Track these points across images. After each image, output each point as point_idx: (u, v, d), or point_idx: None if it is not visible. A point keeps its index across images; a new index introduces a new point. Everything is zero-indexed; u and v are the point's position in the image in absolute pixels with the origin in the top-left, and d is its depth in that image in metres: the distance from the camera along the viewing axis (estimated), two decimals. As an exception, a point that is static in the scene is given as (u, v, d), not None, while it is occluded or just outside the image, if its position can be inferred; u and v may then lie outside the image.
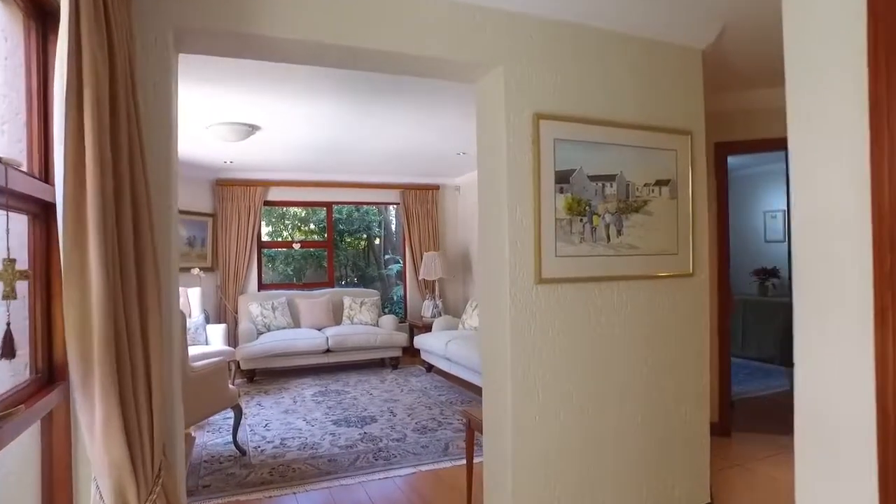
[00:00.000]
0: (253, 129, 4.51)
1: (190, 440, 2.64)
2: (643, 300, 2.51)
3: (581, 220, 2.37)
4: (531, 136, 2.27)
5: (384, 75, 3.53)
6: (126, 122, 1.39)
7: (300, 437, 4.06)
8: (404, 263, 7.87)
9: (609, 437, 2.41)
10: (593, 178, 2.40)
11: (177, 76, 1.94)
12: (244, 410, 4.76)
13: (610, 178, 2.44)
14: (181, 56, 2.01)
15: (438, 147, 5.64)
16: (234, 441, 3.73)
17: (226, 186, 6.73)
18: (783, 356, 6.10)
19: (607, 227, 2.43)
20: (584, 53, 2.39)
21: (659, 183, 2.55)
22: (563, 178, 2.33)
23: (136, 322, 1.40)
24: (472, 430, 2.92)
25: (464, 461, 3.29)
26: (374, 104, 4.04)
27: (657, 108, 2.55)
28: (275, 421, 4.49)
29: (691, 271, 2.63)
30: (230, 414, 4.03)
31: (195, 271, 6.18)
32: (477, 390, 5.22)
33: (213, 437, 4.10)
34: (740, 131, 3.60)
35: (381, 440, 3.97)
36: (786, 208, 6.33)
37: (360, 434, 4.11)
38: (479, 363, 4.79)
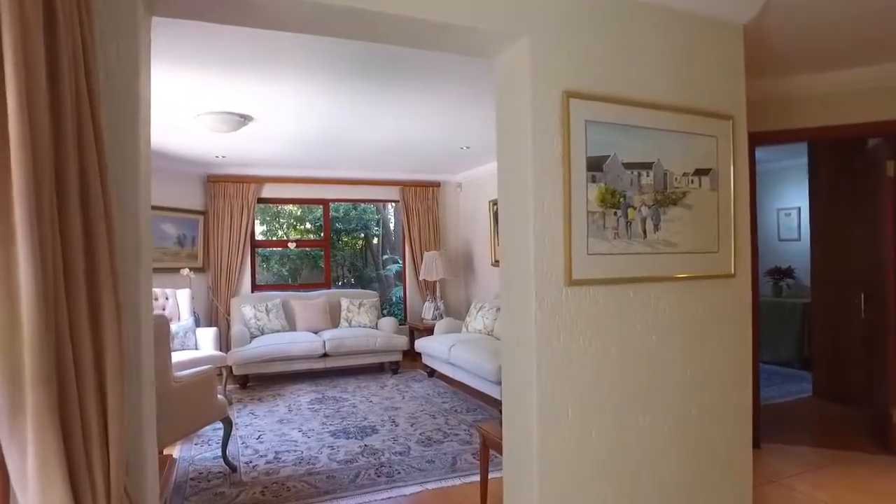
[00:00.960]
0: (245, 119, 4.21)
1: (170, 464, 2.34)
2: (681, 304, 2.24)
3: (615, 214, 2.09)
4: (560, 117, 1.99)
5: (385, 62, 3.26)
6: (72, 94, 1.09)
7: (296, 451, 3.77)
8: (404, 263, 7.59)
9: (646, 459, 2.14)
10: (628, 166, 2.12)
11: (148, 45, 1.65)
12: (235, 420, 4.46)
13: (646, 166, 2.16)
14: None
15: (441, 141, 5.36)
16: (224, 456, 3.44)
17: (218, 183, 6.43)
18: (801, 359, 5.85)
19: (643, 221, 2.15)
20: (618, 25, 2.12)
21: (699, 172, 2.28)
22: (595, 166, 2.05)
23: (87, 334, 1.11)
24: (487, 447, 2.64)
25: (474, 478, 3.02)
26: (375, 94, 3.76)
27: (696, 88, 2.28)
28: (268, 432, 4.20)
29: (733, 272, 2.36)
30: (220, 424, 3.73)
31: (185, 272, 5.87)
32: (483, 397, 4.94)
33: (200, 450, 3.80)
34: (773, 120, 3.34)
35: (383, 454, 3.68)
36: (801, 205, 6.08)
37: (360, 447, 3.82)
38: (485, 369, 4.51)
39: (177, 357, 4.53)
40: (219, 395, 3.31)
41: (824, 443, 3.72)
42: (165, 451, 3.08)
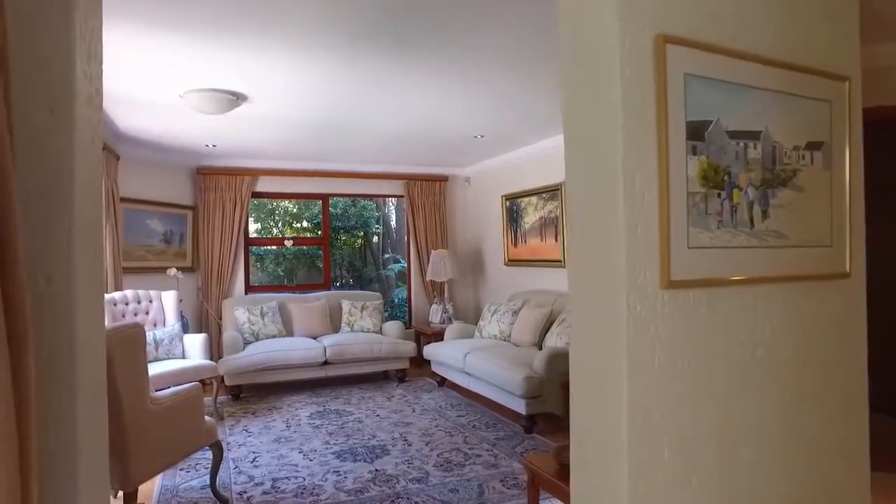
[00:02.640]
0: (238, 98, 3.72)
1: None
2: (789, 311, 1.77)
3: (719, 196, 1.62)
4: (654, 67, 1.52)
5: (396, 28, 2.80)
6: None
7: (296, 477, 3.28)
8: (409, 263, 7.10)
9: (753, 500, 1.68)
10: (733, 136, 1.66)
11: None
12: (227, 439, 3.97)
13: (753, 135, 1.70)
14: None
15: (453, 128, 4.89)
16: (213, 487, 2.95)
17: (208, 175, 5.92)
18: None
19: (750, 206, 1.69)
20: (719, -45, 1.65)
21: (811, 146, 1.82)
22: (696, 134, 1.58)
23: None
24: (537, 487, 2.17)
25: (512, 517, 2.55)
26: (383, 68, 3.29)
27: (809, 39, 1.82)
28: (265, 453, 3.70)
29: (847, 271, 1.91)
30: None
31: (171, 272, 5.36)
32: (503, 410, 4.48)
33: (186, 477, 3.31)
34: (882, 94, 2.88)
35: (397, 481, 3.20)
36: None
37: (370, 472, 3.34)
38: (507, 380, 4.04)
39: (160, 368, 4.04)
40: (207, 417, 2.82)
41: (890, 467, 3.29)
42: (142, 487, 2.58)
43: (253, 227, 8.74)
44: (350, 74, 3.39)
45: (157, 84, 3.46)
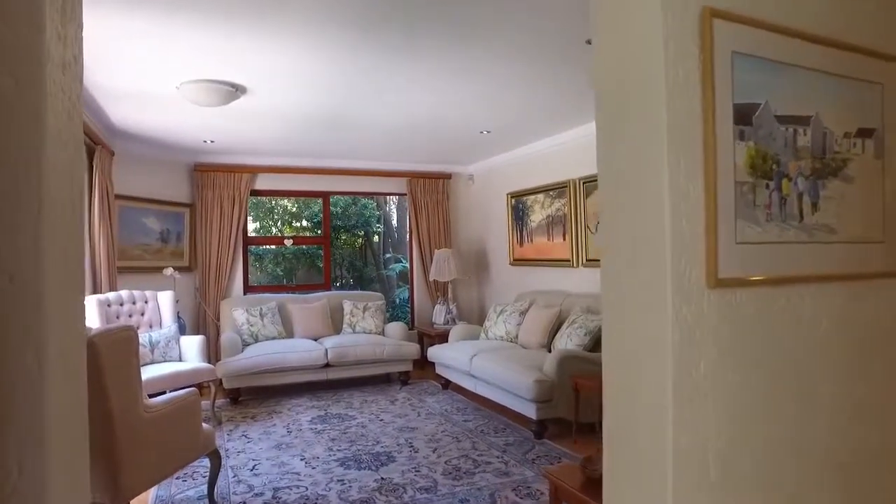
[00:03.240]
0: (237, 90, 3.57)
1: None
2: (841, 314, 1.63)
3: (767, 187, 1.48)
4: (699, 44, 1.38)
5: (403, 21, 2.66)
6: None
7: (298, 486, 3.13)
8: (411, 262, 6.95)
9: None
10: (782, 121, 1.51)
11: None
12: (225, 445, 3.82)
13: (803, 121, 1.55)
14: None
15: (459, 123, 4.74)
16: (211, 497, 2.80)
17: (206, 172, 5.76)
18: None
19: (800, 197, 1.55)
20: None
21: (861, 133, 1.68)
22: (743, 118, 1.44)
23: None
24: (560, 501, 2.03)
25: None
26: (390, 59, 3.14)
27: (859, 15, 1.68)
28: (265, 460, 3.55)
29: (899, 269, 1.76)
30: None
31: (168, 271, 5.21)
32: (511, 414, 4.33)
33: (182, 486, 3.15)
34: None
35: (405, 490, 3.05)
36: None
37: (376, 480, 3.19)
38: (517, 383, 3.89)
39: (156, 371, 3.89)
40: (204, 424, 2.67)
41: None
42: (135, 499, 2.43)
43: (252, 227, 8.58)
44: (354, 66, 3.24)
45: (152, 75, 3.31)
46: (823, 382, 1.62)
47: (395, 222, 10.29)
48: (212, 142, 5.22)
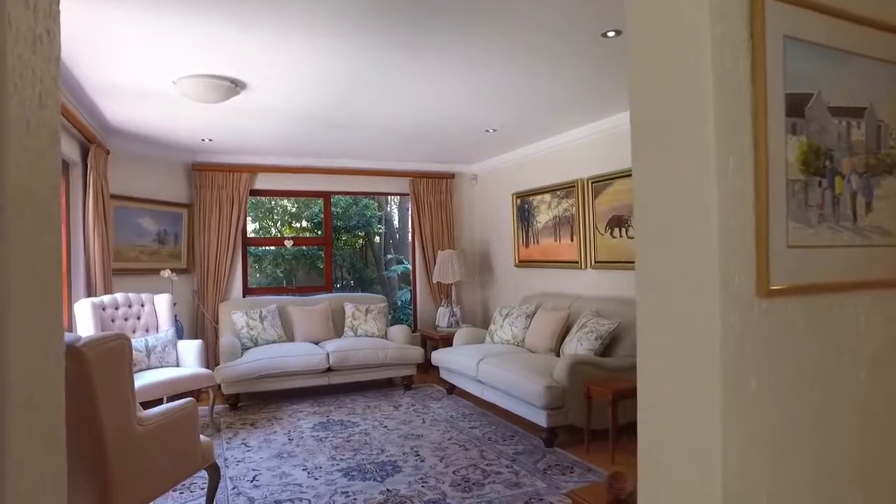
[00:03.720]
0: (236, 86, 3.44)
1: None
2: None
3: (819, 185, 1.35)
4: (749, 28, 1.25)
5: (409, 13, 2.52)
6: None
7: (301, 499, 3.00)
8: (413, 264, 6.81)
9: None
10: (835, 113, 1.38)
11: None
12: (224, 454, 3.68)
13: (857, 113, 1.42)
14: None
15: (465, 121, 4.62)
16: (210, 512, 2.66)
17: (204, 171, 5.63)
18: None
19: (853, 196, 1.42)
20: None
21: (917, 127, 1.55)
22: (795, 109, 1.31)
23: None
24: (583, 523, 1.89)
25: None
26: (393, 56, 3.01)
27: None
28: (265, 471, 3.42)
29: (953, 274, 1.63)
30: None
31: (165, 273, 5.07)
32: (519, 421, 4.20)
33: (180, 499, 3.01)
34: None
35: (412, 503, 2.92)
36: None
37: (382, 493, 3.06)
38: (527, 390, 3.76)
39: (153, 377, 3.76)
40: (202, 437, 2.53)
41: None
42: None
43: (251, 227, 8.45)
44: (357, 61, 3.11)
45: (148, 69, 3.17)
46: (881, 398, 1.48)
47: (396, 223, 10.16)
48: (210, 140, 5.08)
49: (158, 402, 4.28)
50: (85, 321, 3.84)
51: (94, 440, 1.82)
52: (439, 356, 5.17)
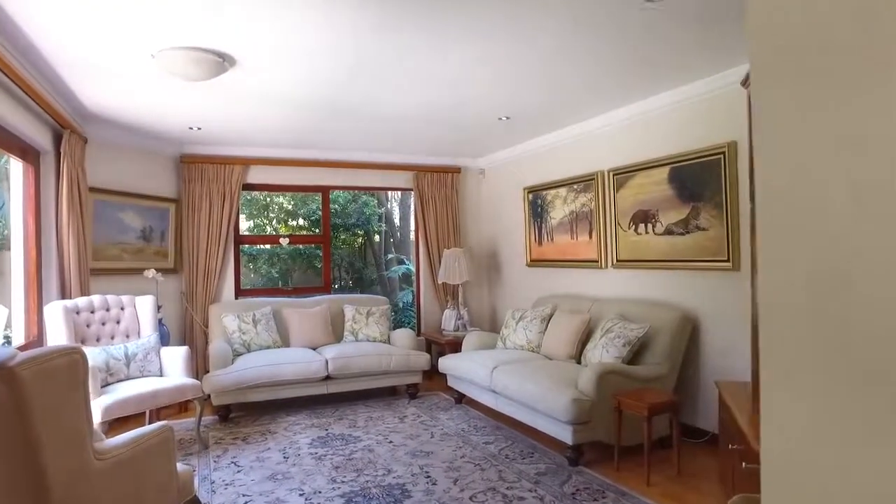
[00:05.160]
0: (224, 61, 3.04)
1: None
2: None
3: None
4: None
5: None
6: None
7: (297, 532, 2.60)
8: (417, 263, 6.42)
9: None
10: None
11: None
12: (211, 475, 3.28)
13: None
14: None
15: (477, 108, 4.23)
16: (190, 553, 2.26)
17: (193, 164, 5.22)
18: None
19: None
20: None
21: None
22: None
23: None
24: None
25: None
26: (403, 30, 2.62)
27: None
28: (257, 497, 3.01)
29: None
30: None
31: (150, 273, 4.66)
32: (538, 435, 3.81)
33: (158, 533, 2.61)
34: None
35: (426, 539, 2.53)
36: None
37: (390, 524, 2.67)
38: (546, 401, 3.38)
39: (132, 389, 3.37)
40: (181, 465, 2.13)
41: None
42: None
43: (244, 226, 8.04)
44: (363, 31, 2.72)
45: (123, 41, 2.77)
46: None
47: (397, 221, 9.76)
48: (199, 129, 4.68)
49: (141, 416, 3.89)
50: (56, 327, 3.44)
51: (34, 486, 1.43)
52: (448, 363, 4.78)
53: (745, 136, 3.28)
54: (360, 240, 9.31)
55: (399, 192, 8.85)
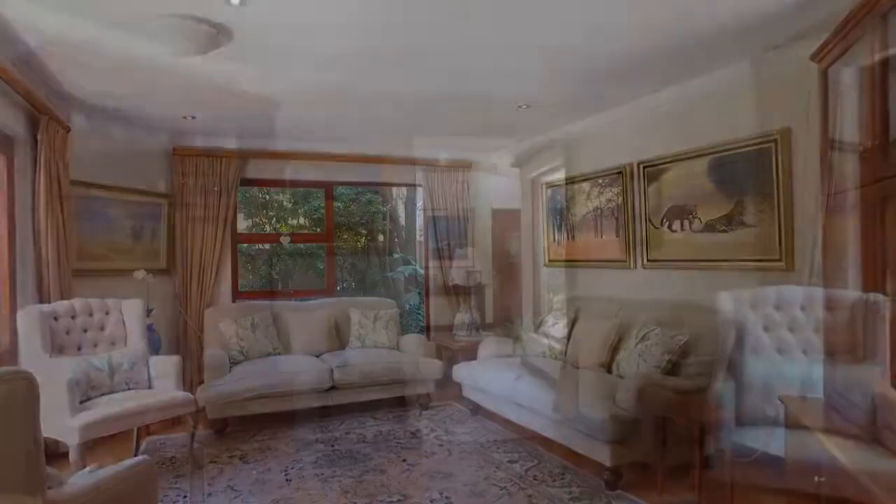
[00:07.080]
0: (218, 32, 2.67)
1: None
2: None
3: None
4: None
5: None
6: None
7: (304, 576, 2.23)
8: (426, 263, 6.04)
9: None
10: None
11: None
12: (204, 501, 2.90)
13: None
14: None
15: (496, 94, 3.87)
16: None
17: (187, 156, 4.86)
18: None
19: None
20: None
21: None
22: None
23: None
24: None
25: None
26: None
27: None
28: (256, 529, 2.65)
29: None
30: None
31: (139, 275, 4.29)
32: (567, 452, 3.44)
33: (141, 578, 2.24)
34: None
35: (455, 586, 2.16)
36: None
37: (411, 566, 2.30)
38: (582, 417, 3.01)
39: (116, 405, 3.00)
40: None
41: None
42: None
43: (242, 226, 7.66)
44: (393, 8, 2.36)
45: (102, 8, 2.41)
46: None
47: (402, 219, 9.39)
48: (193, 118, 4.31)
49: (129, 434, 3.51)
50: (30, 334, 3.07)
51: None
52: (464, 372, 4.41)
53: (807, 121, 2.92)
54: (363, 239, 8.94)
55: (404, 190, 8.49)
